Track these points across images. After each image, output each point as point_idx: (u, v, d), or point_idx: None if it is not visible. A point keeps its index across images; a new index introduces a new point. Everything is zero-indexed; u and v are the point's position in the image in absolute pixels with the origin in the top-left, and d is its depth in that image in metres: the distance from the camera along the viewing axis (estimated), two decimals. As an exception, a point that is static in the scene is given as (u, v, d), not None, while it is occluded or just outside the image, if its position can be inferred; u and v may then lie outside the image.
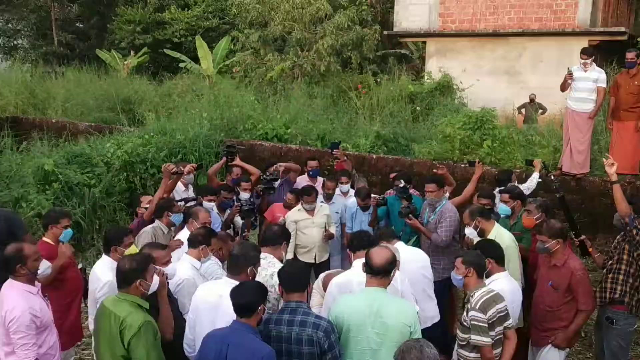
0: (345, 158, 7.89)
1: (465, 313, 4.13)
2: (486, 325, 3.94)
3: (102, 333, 3.65)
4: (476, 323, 3.95)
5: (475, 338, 3.97)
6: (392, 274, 3.76)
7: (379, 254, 3.71)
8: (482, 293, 4.06)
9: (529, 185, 6.87)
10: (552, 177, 6.40)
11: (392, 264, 3.74)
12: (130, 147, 9.32)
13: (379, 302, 3.61)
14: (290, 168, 7.62)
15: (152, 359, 3.51)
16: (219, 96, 12.52)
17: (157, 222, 5.54)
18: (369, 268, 3.70)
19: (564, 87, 8.08)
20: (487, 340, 3.94)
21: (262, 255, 4.26)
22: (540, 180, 7.01)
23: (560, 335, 4.64)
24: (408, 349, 2.53)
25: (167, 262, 4.22)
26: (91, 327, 4.60)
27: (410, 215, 5.92)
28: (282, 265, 4.42)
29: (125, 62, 19.67)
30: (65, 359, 4.71)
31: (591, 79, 7.80)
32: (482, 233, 5.21)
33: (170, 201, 5.73)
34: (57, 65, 22.66)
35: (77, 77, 15.88)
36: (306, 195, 6.44)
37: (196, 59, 17.96)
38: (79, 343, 5.62)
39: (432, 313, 4.93)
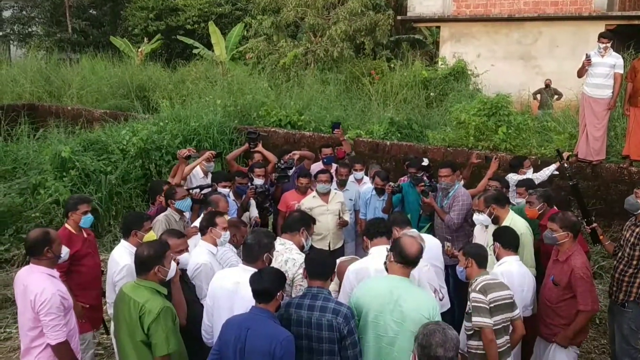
0: (345, 138, 7.89)
1: (468, 302, 4.14)
2: (487, 307, 3.94)
3: (121, 319, 3.71)
4: (477, 304, 3.97)
5: (476, 319, 3.97)
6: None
7: (412, 244, 3.72)
8: (484, 278, 4.10)
9: (540, 175, 6.80)
10: (566, 165, 6.34)
11: (421, 254, 3.78)
12: (145, 134, 9.39)
13: (400, 291, 3.63)
14: (304, 156, 7.64)
15: (172, 344, 3.58)
16: (232, 83, 12.55)
17: (168, 210, 5.59)
18: (401, 257, 3.69)
19: (581, 72, 7.99)
20: (488, 322, 3.94)
21: (281, 241, 4.32)
22: (556, 173, 6.93)
23: (560, 335, 4.56)
24: (431, 332, 2.55)
25: (183, 250, 4.27)
26: (110, 311, 4.69)
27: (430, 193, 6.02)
28: (299, 251, 4.48)
29: (139, 49, 19.72)
30: (84, 344, 4.78)
31: (608, 64, 7.70)
32: (496, 220, 5.22)
33: (172, 189, 5.69)
34: (72, 52, 22.81)
35: (92, 64, 15.97)
36: (321, 174, 6.49)
37: (209, 46, 17.96)
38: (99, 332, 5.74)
39: (442, 301, 4.96)
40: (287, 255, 4.34)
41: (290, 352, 3.29)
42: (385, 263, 3.84)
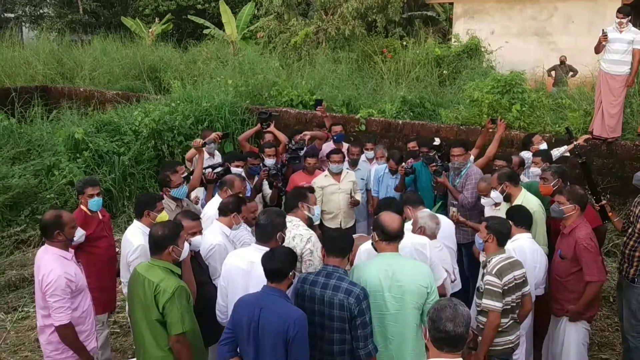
0: (327, 114, 8.03)
1: (480, 278, 4.15)
2: (500, 291, 3.96)
3: (136, 298, 3.76)
4: (490, 288, 3.98)
5: (487, 302, 4.00)
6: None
7: (392, 219, 3.78)
8: (499, 259, 4.09)
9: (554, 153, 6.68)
10: (576, 143, 6.25)
11: (403, 227, 3.84)
12: (157, 115, 9.40)
13: (394, 267, 3.70)
14: (316, 136, 7.62)
15: (187, 322, 3.63)
16: (243, 63, 12.47)
17: (164, 199, 5.50)
18: (384, 235, 3.75)
19: (598, 49, 7.85)
20: (498, 305, 3.96)
21: (288, 218, 4.33)
22: (567, 155, 6.80)
23: (572, 309, 4.57)
24: (442, 307, 2.57)
25: (196, 233, 4.28)
26: (125, 290, 4.76)
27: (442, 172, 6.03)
28: (306, 227, 4.52)
29: (150, 30, 19.66)
30: (98, 324, 4.85)
31: (626, 40, 7.55)
32: (508, 198, 5.21)
33: (166, 177, 5.50)
34: (83, 33, 22.79)
35: (103, 46, 15.95)
36: (334, 154, 6.48)
37: (220, 25, 17.85)
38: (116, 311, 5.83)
39: (453, 282, 4.96)
40: (295, 232, 4.40)
41: (304, 330, 3.32)
42: (372, 244, 3.89)
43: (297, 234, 4.41)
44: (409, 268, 3.74)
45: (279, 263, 3.42)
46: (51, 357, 4.08)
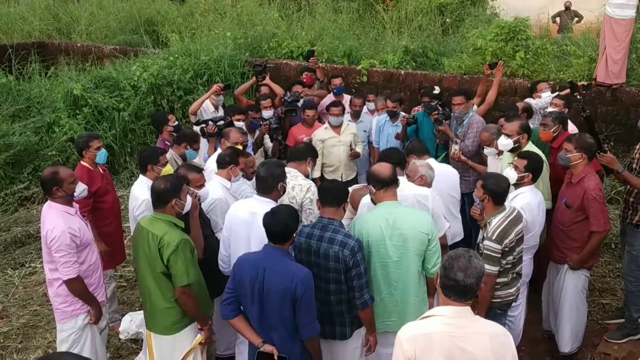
0: (319, 65, 7.87)
1: (480, 240, 4.12)
2: (498, 256, 3.94)
3: (141, 252, 3.79)
4: (489, 253, 3.95)
5: (485, 266, 3.97)
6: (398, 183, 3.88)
7: (382, 167, 3.82)
8: (500, 221, 3.98)
9: (539, 102, 6.44)
10: (579, 96, 6.11)
11: (395, 171, 3.86)
12: (155, 70, 9.28)
13: (395, 215, 3.73)
14: (318, 95, 7.49)
15: (191, 274, 3.67)
16: (241, 14, 12.23)
17: (171, 153, 5.56)
18: (379, 183, 3.78)
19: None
20: (494, 269, 3.95)
21: (287, 169, 4.32)
22: (562, 100, 6.55)
23: (574, 257, 4.58)
24: (457, 257, 2.57)
25: (201, 185, 4.32)
26: (133, 244, 4.85)
27: (444, 121, 5.96)
28: (304, 178, 4.55)
29: (146, -18, 19.19)
30: (105, 279, 4.92)
31: (633, -19, 7.36)
32: (517, 148, 5.12)
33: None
34: (78, -13, 22.31)
35: (99, -1, 15.63)
36: (333, 106, 6.41)
37: (217, -24, 17.44)
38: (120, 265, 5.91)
39: (455, 230, 5.01)
40: (294, 182, 4.43)
41: (311, 288, 3.30)
42: (371, 199, 3.91)
43: (297, 184, 4.46)
44: (410, 215, 3.77)
45: (282, 225, 3.34)
46: (60, 309, 4.15)
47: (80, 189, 4.26)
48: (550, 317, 5.00)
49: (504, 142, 5.03)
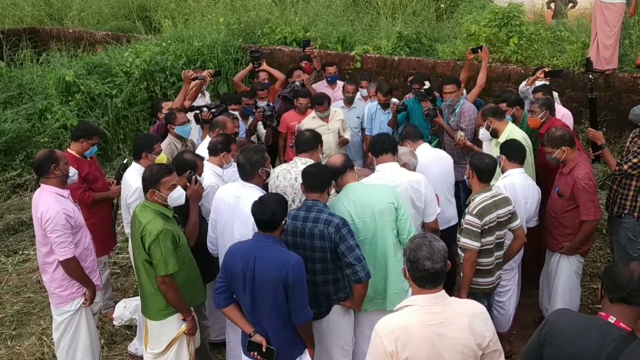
0: (316, 55, 7.85)
1: (463, 216, 4.16)
2: (479, 231, 3.97)
3: (133, 237, 3.86)
4: (469, 227, 3.99)
5: (464, 241, 4.02)
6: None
7: (334, 159, 4.08)
8: (482, 198, 4.04)
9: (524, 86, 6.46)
10: (591, 77, 6.09)
11: (349, 158, 4.14)
12: (148, 56, 9.23)
13: (358, 193, 3.90)
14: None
15: (170, 265, 3.65)
16: (235, -1, 12.16)
17: (169, 138, 5.54)
18: (335, 174, 3.92)
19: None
20: (475, 244, 3.99)
21: (302, 160, 4.31)
22: (545, 83, 6.41)
23: (566, 244, 4.65)
24: (418, 247, 2.57)
25: (200, 173, 4.36)
26: (126, 230, 4.90)
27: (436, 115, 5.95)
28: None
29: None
30: (99, 265, 4.92)
31: (625, -34, 7.35)
32: (494, 133, 5.19)
33: (172, 113, 5.56)
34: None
35: (91, -16, 15.47)
36: (318, 104, 6.35)
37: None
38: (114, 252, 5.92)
39: (450, 215, 5.03)
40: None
41: (303, 274, 3.31)
42: (336, 191, 4.03)
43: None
44: (372, 190, 3.95)
45: (270, 213, 3.34)
46: (56, 294, 4.17)
47: (72, 172, 4.29)
48: (544, 301, 5.06)
49: (481, 132, 5.29)
